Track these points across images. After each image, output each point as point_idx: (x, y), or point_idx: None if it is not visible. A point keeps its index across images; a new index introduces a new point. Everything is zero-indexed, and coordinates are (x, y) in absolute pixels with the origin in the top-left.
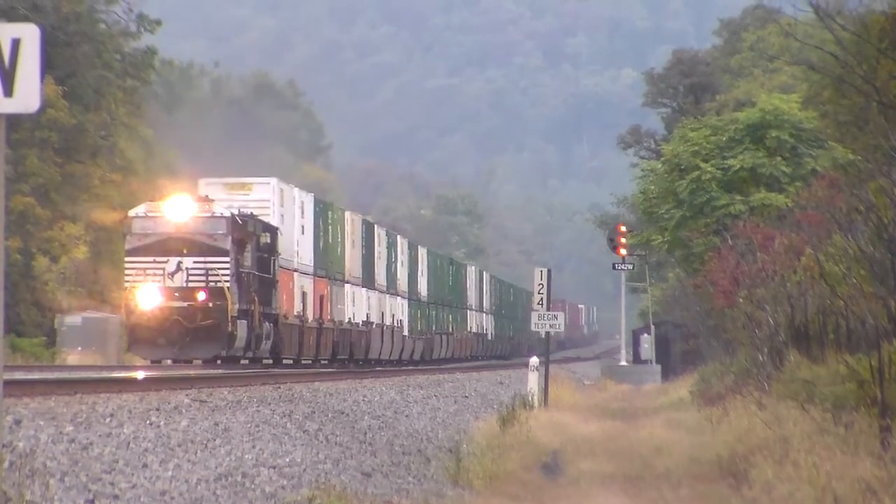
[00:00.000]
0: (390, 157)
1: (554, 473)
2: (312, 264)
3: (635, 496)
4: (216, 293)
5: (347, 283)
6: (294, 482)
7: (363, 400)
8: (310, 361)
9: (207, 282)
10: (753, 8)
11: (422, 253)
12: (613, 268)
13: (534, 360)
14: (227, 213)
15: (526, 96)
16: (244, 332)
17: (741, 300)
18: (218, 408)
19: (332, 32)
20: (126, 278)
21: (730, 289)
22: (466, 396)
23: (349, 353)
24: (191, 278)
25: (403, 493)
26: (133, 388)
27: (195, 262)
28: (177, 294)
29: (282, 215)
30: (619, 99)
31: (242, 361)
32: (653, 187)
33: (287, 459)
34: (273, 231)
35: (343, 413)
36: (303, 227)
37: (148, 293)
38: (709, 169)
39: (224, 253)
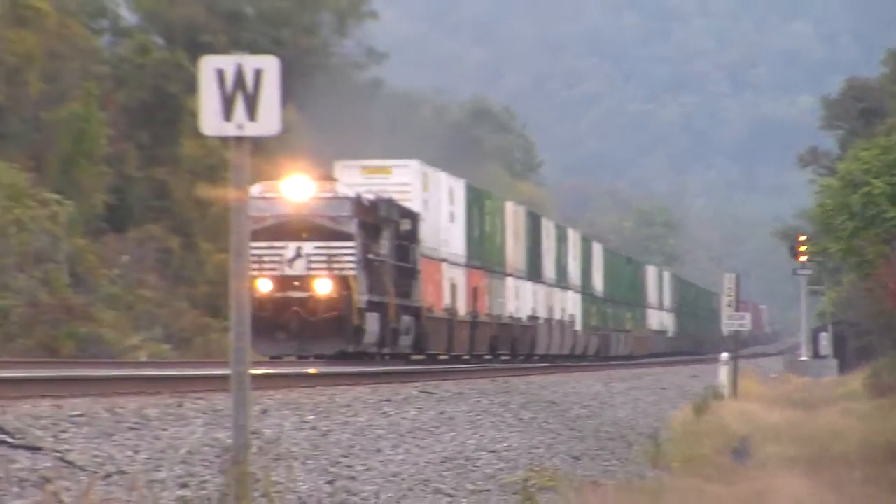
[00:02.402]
0: (595, 175)
1: (743, 457)
2: (465, 254)
3: (814, 477)
4: (340, 282)
5: (509, 275)
6: (511, 465)
7: (572, 391)
8: (468, 357)
9: (330, 269)
10: None
11: (596, 248)
12: (794, 273)
13: (724, 355)
14: (352, 194)
15: (714, 120)
16: (375, 326)
17: None
18: (443, 399)
19: (542, 64)
20: None
21: None
22: (664, 388)
23: (511, 348)
24: (312, 266)
25: (608, 475)
26: (367, 381)
27: (316, 248)
28: (296, 283)
29: (425, 201)
30: (797, 122)
31: (377, 358)
32: (829, 201)
33: (504, 444)
34: (413, 217)
35: (554, 403)
36: (452, 214)
37: (264, 283)
38: (879, 185)
39: (348, 237)
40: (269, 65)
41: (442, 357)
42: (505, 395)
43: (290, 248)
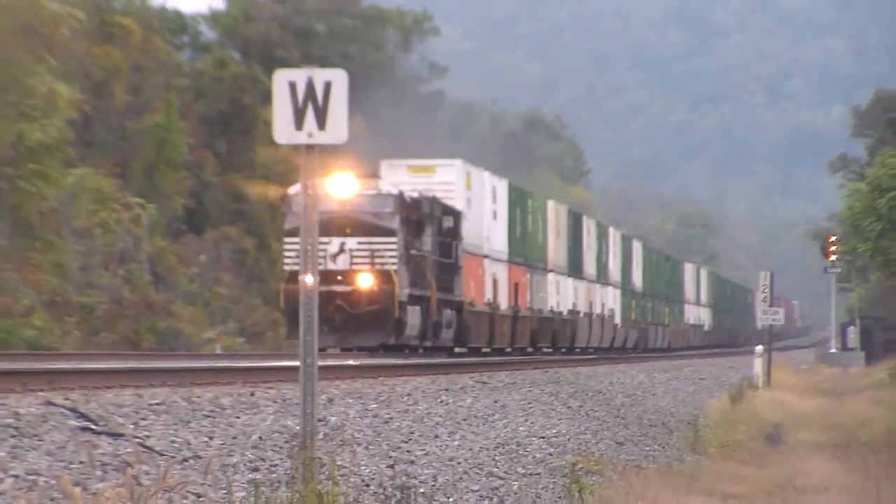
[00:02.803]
0: (640, 180)
1: (775, 442)
2: (506, 251)
3: (843, 461)
4: (382, 277)
5: (551, 271)
6: (559, 450)
7: (617, 382)
8: (509, 349)
9: (373, 264)
10: None
11: (636, 246)
12: (825, 271)
13: (759, 348)
14: (395, 191)
15: (752, 129)
16: (416, 319)
17: None
18: (496, 388)
19: (592, 77)
20: (285, 260)
21: None
22: (703, 378)
23: (551, 341)
24: (355, 260)
25: (650, 459)
26: (426, 372)
27: (359, 243)
28: (339, 277)
29: (468, 199)
30: (830, 131)
31: (420, 350)
32: (857, 204)
33: (554, 431)
34: (456, 214)
35: (600, 392)
36: (495, 212)
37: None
38: None
39: (391, 233)
40: (338, 78)
41: (484, 350)
42: (554, 384)
43: (335, 243)
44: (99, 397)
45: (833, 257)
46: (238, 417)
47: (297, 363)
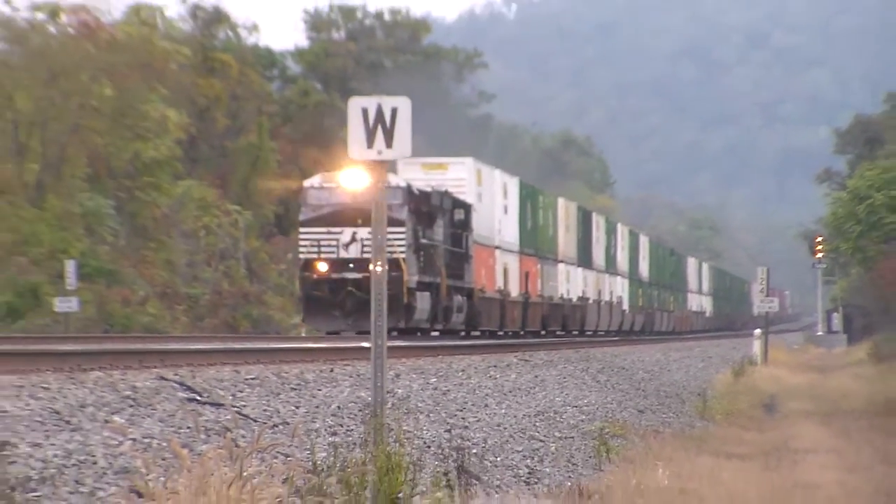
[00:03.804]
0: (656, 190)
1: (771, 411)
2: (517, 242)
3: (828, 426)
4: (391, 264)
5: (561, 262)
6: (589, 417)
7: (638, 360)
8: (521, 332)
9: None
10: None
11: (643, 241)
12: (812, 266)
13: (757, 331)
14: (403, 184)
15: (751, 147)
16: (426, 304)
17: None
18: (537, 365)
19: (616, 103)
20: (300, 249)
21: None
22: (710, 357)
23: (562, 325)
24: (366, 249)
25: (666, 425)
26: (478, 352)
27: (370, 233)
28: (351, 265)
29: (479, 194)
30: (817, 149)
31: (433, 333)
32: (840, 210)
33: (585, 401)
34: (467, 207)
35: (624, 368)
36: (505, 207)
37: (322, 264)
38: (879, 197)
39: (399, 223)
40: (403, 104)
41: (499, 333)
42: (585, 362)
43: (346, 233)
44: (203, 373)
45: (819, 255)
46: (320, 390)
47: (369, 344)
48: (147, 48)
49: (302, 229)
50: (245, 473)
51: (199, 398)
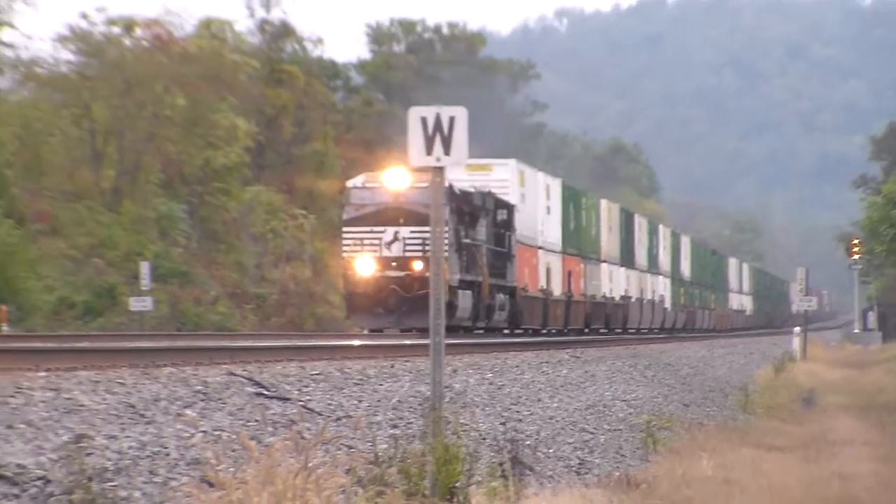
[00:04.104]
0: (701, 195)
1: (810, 405)
2: (560, 243)
3: (864, 419)
4: None
5: (604, 262)
6: (637, 410)
7: (683, 356)
8: (565, 330)
9: (424, 251)
10: None
11: (685, 241)
12: (849, 267)
13: (797, 328)
14: (445, 184)
15: (791, 154)
16: (467, 302)
17: None
18: (587, 361)
19: (663, 112)
20: (343, 248)
21: None
22: (752, 353)
23: (605, 323)
24: (407, 248)
25: (710, 418)
26: (532, 349)
27: (412, 232)
28: (393, 264)
29: (522, 195)
30: (853, 155)
31: (476, 331)
32: (875, 214)
33: (633, 395)
34: (509, 208)
35: (670, 364)
36: (548, 208)
37: (365, 263)
38: None
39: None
40: (460, 113)
41: (543, 331)
42: (633, 358)
43: (389, 231)
44: (270, 369)
45: (855, 256)
46: (381, 385)
47: (428, 341)
48: (217, 60)
49: (345, 228)
50: (310, 464)
51: (266, 393)
